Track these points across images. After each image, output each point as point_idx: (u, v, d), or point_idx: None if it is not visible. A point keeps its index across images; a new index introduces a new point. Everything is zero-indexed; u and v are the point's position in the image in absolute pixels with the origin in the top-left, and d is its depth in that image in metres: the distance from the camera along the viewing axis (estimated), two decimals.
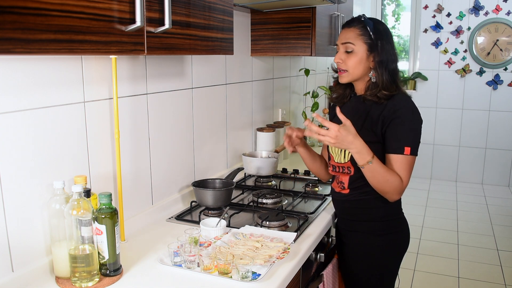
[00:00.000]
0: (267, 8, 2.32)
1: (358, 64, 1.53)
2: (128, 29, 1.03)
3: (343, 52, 1.56)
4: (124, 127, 1.52)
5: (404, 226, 1.65)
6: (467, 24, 5.17)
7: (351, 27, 1.55)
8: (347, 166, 1.58)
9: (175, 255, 1.31)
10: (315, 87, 3.55)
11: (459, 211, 4.41)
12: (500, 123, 5.20)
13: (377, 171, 1.44)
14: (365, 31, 1.52)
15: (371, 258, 1.62)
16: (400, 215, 1.64)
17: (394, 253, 1.63)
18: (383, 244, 1.60)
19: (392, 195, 1.49)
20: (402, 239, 1.64)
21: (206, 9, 1.36)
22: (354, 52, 1.53)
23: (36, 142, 1.21)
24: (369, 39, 1.52)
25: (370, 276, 1.63)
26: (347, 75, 1.57)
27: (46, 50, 0.84)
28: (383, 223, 1.59)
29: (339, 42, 1.58)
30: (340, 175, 1.63)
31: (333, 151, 1.63)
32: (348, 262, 1.68)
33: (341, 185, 1.63)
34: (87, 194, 1.22)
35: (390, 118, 1.49)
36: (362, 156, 1.42)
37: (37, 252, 1.24)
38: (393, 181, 1.46)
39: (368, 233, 1.61)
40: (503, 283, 3.01)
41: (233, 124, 2.32)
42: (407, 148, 1.46)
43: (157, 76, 1.68)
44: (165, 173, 1.78)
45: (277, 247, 1.39)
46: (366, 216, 1.59)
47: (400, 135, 1.47)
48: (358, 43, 1.53)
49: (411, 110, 1.50)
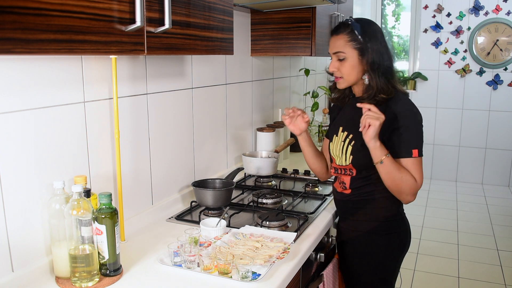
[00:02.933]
0: (267, 8, 2.32)
1: (351, 70, 1.53)
2: (128, 29, 1.03)
3: (336, 60, 1.56)
4: (124, 127, 1.52)
5: (405, 226, 1.65)
6: (467, 24, 5.17)
7: (339, 34, 1.54)
8: (349, 168, 1.59)
9: (175, 255, 1.31)
10: (315, 87, 3.56)
11: (459, 211, 4.41)
12: (500, 123, 5.20)
13: (393, 172, 1.45)
14: (353, 36, 1.51)
15: (373, 257, 1.62)
16: (402, 216, 1.65)
17: (395, 252, 1.64)
18: (385, 243, 1.61)
19: (407, 195, 1.50)
20: (403, 239, 1.65)
21: (206, 9, 1.36)
22: (346, 59, 1.53)
23: (36, 142, 1.21)
24: (358, 44, 1.51)
25: (371, 276, 1.64)
26: (343, 82, 1.57)
27: (46, 50, 0.84)
28: (385, 223, 1.60)
29: (331, 52, 1.58)
30: (341, 176, 1.64)
31: (335, 153, 1.64)
32: (349, 261, 1.68)
33: (343, 185, 1.64)
34: (87, 194, 1.22)
35: (393, 124, 1.49)
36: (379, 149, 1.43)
37: (37, 252, 1.24)
38: (408, 179, 1.47)
39: (370, 233, 1.61)
40: (503, 283, 3.02)
41: (233, 124, 2.32)
42: (414, 151, 1.48)
43: (157, 76, 1.68)
44: (165, 173, 1.78)
45: (277, 247, 1.39)
46: (368, 216, 1.59)
47: (407, 140, 1.48)
48: (348, 50, 1.52)
49: (412, 112, 1.51)
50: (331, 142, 1.67)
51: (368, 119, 1.40)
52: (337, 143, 1.63)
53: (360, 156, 1.54)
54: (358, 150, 1.54)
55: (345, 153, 1.58)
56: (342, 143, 1.60)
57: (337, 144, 1.63)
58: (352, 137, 1.57)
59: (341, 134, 1.62)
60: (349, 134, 1.59)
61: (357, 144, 1.55)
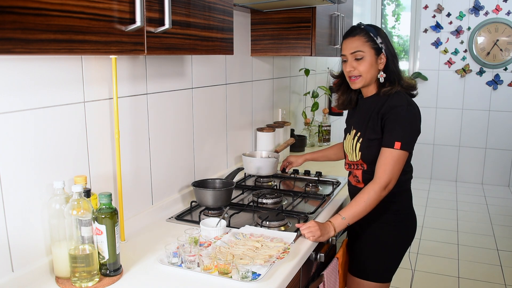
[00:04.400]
0: (267, 8, 2.32)
1: (370, 68, 1.63)
2: (128, 29, 1.03)
3: (353, 60, 1.64)
4: (124, 127, 1.52)
5: (412, 220, 1.77)
6: (467, 24, 5.17)
7: (355, 35, 1.64)
8: (360, 163, 1.70)
9: (174, 255, 1.31)
10: (315, 87, 3.55)
11: (459, 211, 4.41)
12: (500, 123, 5.20)
13: (357, 213, 1.56)
14: (370, 36, 1.62)
15: (380, 245, 1.72)
16: (410, 210, 1.76)
17: (402, 244, 1.75)
18: (393, 234, 1.71)
19: (380, 197, 1.57)
20: (410, 232, 1.76)
21: (206, 9, 1.36)
22: (364, 58, 1.62)
23: (36, 142, 1.21)
24: (375, 44, 1.62)
25: (376, 262, 1.73)
26: (360, 80, 1.65)
27: (46, 50, 0.84)
28: (395, 215, 1.70)
29: (347, 53, 1.65)
30: (354, 170, 1.75)
31: (347, 150, 1.77)
32: (357, 245, 1.77)
33: (356, 179, 1.75)
34: (87, 194, 1.22)
35: (387, 115, 1.58)
36: (340, 225, 1.56)
37: (37, 252, 1.24)
38: (369, 197, 1.55)
39: (380, 223, 1.70)
40: (503, 283, 3.02)
41: (233, 124, 2.32)
42: (397, 143, 1.55)
43: (157, 76, 1.68)
44: (165, 173, 1.78)
45: (277, 247, 1.39)
46: (380, 208, 1.64)
47: (393, 130, 1.57)
48: (366, 49, 1.62)
49: (406, 107, 1.58)
50: (344, 140, 1.81)
51: (308, 235, 1.51)
52: (349, 140, 1.75)
53: (368, 152, 1.65)
54: (366, 147, 1.66)
55: (355, 150, 1.70)
56: (352, 140, 1.72)
57: (349, 141, 1.75)
58: (360, 134, 1.68)
59: (353, 132, 1.73)
60: (357, 132, 1.70)
61: (365, 141, 1.66)
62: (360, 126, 1.70)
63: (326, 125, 3.20)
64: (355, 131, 1.71)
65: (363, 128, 1.67)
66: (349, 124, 1.80)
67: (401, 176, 1.61)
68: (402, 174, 1.63)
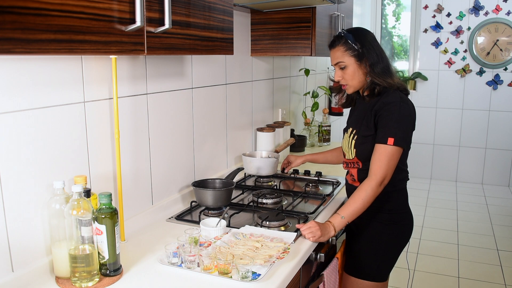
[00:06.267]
0: (267, 8, 2.32)
1: (353, 75, 1.66)
2: (128, 29, 1.03)
3: (339, 70, 1.69)
4: (124, 127, 1.52)
5: (408, 220, 1.76)
6: (467, 24, 5.17)
7: (335, 46, 1.68)
8: (355, 161, 1.71)
9: (174, 255, 1.31)
10: (315, 87, 3.55)
11: (459, 211, 4.41)
12: (500, 123, 5.20)
13: (355, 211, 1.56)
14: (348, 45, 1.64)
15: (377, 244, 1.72)
16: (407, 209, 1.76)
17: (398, 243, 1.75)
18: (389, 233, 1.71)
19: (376, 193, 1.57)
20: (406, 232, 1.76)
21: (206, 9, 1.36)
22: (347, 67, 1.66)
23: (36, 142, 1.21)
24: (354, 51, 1.64)
25: (372, 260, 1.73)
26: (349, 88, 1.71)
27: (46, 50, 0.84)
28: (389, 215, 1.70)
29: (332, 64, 1.71)
30: (350, 169, 1.76)
31: (344, 149, 1.78)
32: (354, 243, 1.77)
33: (352, 178, 1.76)
34: (87, 194, 1.22)
35: (380, 111, 1.60)
36: (340, 225, 1.56)
37: (37, 252, 1.24)
38: (366, 194, 1.56)
39: (375, 222, 1.71)
40: (503, 283, 3.02)
41: (233, 124, 2.32)
42: (390, 139, 1.55)
43: (157, 76, 1.68)
44: (165, 173, 1.78)
45: (277, 247, 1.39)
46: (375, 207, 1.65)
47: (386, 126, 1.58)
48: (346, 58, 1.65)
49: (399, 104, 1.59)
50: (342, 139, 1.83)
51: (308, 235, 1.51)
52: (346, 138, 1.77)
53: (362, 148, 1.66)
54: (360, 143, 1.67)
55: (351, 147, 1.71)
56: (348, 138, 1.74)
57: (346, 139, 1.77)
58: (356, 132, 1.70)
59: (349, 130, 1.76)
60: (353, 130, 1.72)
61: (359, 137, 1.67)
62: (356, 124, 1.72)
63: (326, 125, 3.20)
64: (351, 129, 1.74)
65: (358, 125, 1.69)
66: (348, 123, 1.82)
67: (395, 175, 1.61)
68: (397, 173, 1.63)
